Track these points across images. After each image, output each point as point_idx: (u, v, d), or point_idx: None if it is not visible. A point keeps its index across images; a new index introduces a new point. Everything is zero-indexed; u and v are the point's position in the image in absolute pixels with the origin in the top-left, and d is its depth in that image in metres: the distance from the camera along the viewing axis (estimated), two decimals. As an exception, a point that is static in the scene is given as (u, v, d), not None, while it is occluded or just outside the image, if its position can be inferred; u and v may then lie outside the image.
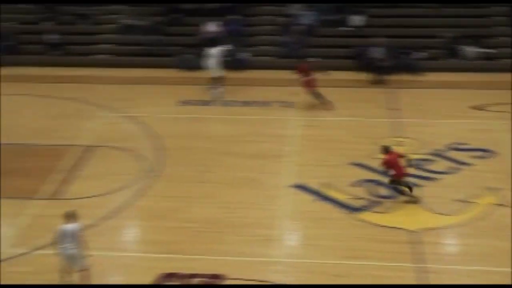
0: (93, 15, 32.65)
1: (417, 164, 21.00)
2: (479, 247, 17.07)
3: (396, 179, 18.96)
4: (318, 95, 25.67)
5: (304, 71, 25.67)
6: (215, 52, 26.94)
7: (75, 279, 15.41)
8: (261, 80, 28.37)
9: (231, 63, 29.46)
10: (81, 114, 25.23)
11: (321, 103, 25.66)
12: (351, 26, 30.97)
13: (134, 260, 16.75)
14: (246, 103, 26.20)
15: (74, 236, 14.98)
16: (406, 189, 19.02)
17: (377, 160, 21.16)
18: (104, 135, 23.46)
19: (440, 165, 21.18)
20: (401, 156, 19.07)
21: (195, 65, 29.55)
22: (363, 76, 28.76)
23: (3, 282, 15.85)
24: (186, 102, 26.29)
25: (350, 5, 31.30)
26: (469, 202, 18.81)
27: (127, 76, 29.24)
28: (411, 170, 20.00)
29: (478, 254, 16.80)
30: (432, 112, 25.22)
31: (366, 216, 18.47)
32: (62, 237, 15.01)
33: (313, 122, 24.42)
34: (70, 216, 15.12)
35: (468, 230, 17.75)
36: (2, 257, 16.69)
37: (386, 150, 19.11)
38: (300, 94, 26.51)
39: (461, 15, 31.18)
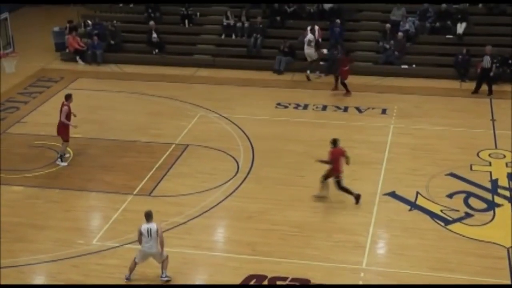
0: (196, 15, 33.01)
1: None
2: None
3: (329, 174, 18.89)
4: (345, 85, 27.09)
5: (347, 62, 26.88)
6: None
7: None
8: (358, 85, 28.04)
9: (328, 68, 29.31)
10: (178, 113, 25.49)
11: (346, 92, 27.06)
12: (453, 34, 30.26)
13: (221, 259, 16.79)
14: (342, 108, 25.91)
15: (154, 235, 15.30)
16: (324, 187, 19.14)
17: (474, 172, 20.66)
18: (198, 134, 23.63)
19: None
20: (345, 155, 18.95)
21: (293, 68, 29.62)
22: (464, 85, 28.11)
23: (89, 274, 16.16)
24: (282, 105, 26.21)
25: (454, 13, 30.60)
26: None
27: (225, 77, 29.42)
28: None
29: None
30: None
31: (460, 228, 17.94)
32: (144, 236, 15.39)
33: (410, 130, 23.90)
34: (149, 216, 15.44)
35: None
36: (92, 249, 17.03)
37: (334, 143, 18.96)
38: (398, 102, 26.14)
39: None
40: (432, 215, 18.52)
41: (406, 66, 29.74)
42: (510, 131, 23.53)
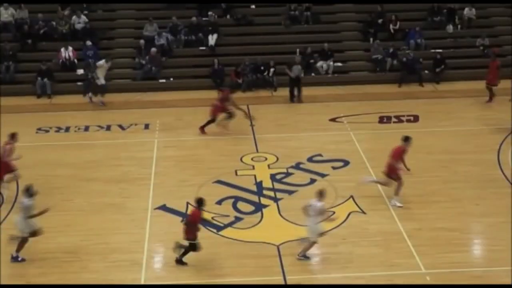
0: None
1: (278, 178, 21.46)
2: (339, 254, 17.55)
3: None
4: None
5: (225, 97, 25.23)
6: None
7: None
8: (119, 103, 28.13)
9: (88, 87, 29.05)
10: None
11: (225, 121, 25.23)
12: (206, 46, 31.27)
13: (-4, 297, 16.16)
14: (104, 127, 25.84)
15: (315, 212, 16.83)
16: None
17: (240, 177, 21.52)
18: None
19: (300, 177, 21.63)
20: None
21: (50, 91, 29.08)
22: (220, 94, 29.03)
23: None
24: (43, 130, 25.63)
25: (205, 25, 31.61)
26: (328, 211, 19.18)
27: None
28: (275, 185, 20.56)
29: (339, 261, 17.27)
30: (292, 126, 25.80)
31: (231, 233, 18.59)
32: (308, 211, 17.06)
33: (175, 143, 24.39)
34: (319, 194, 16.98)
35: (328, 239, 18.01)
36: None
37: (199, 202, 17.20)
38: (160, 116, 26.51)
39: (313, 31, 32.21)
40: (204, 223, 19.00)
41: (164, 80, 30.27)
42: (268, 134, 24.77)
